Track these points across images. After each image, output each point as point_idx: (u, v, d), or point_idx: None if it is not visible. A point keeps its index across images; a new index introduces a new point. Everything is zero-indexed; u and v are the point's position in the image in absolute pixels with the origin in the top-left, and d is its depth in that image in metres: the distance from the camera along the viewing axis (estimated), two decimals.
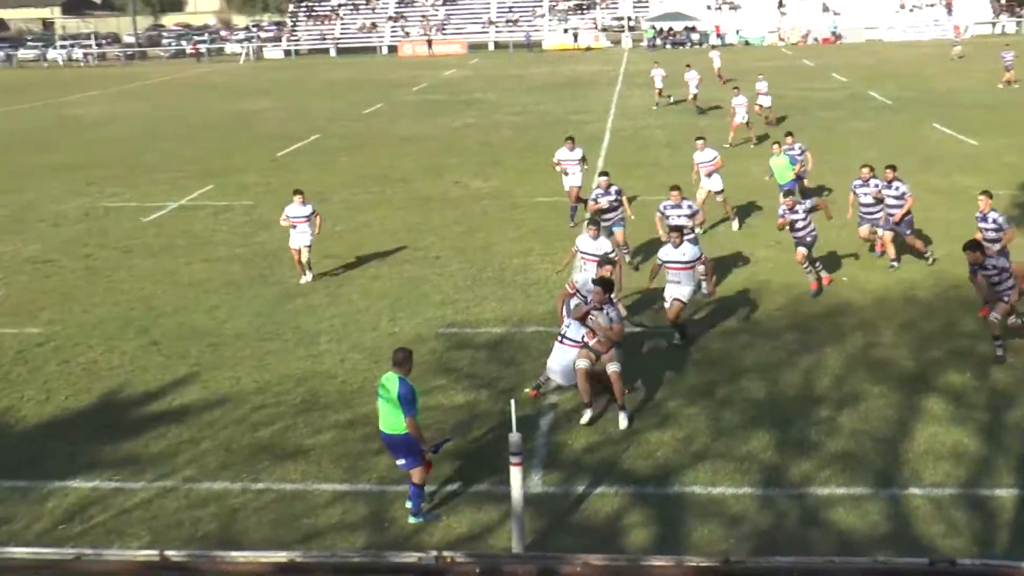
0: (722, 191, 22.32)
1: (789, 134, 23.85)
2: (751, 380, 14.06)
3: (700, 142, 22.75)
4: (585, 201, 22.13)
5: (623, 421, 12.75)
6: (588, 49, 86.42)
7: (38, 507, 11.32)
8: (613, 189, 19.22)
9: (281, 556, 7.81)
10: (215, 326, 16.81)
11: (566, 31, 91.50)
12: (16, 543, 9.64)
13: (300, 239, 18.99)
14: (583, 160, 23.26)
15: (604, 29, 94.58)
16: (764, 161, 28.72)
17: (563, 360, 13.16)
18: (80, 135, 41.38)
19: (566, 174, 22.95)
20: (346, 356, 15.29)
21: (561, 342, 13.31)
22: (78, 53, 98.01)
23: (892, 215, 18.57)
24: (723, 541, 10.18)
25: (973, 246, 14.52)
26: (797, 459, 11.80)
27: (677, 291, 15.22)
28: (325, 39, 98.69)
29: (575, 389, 13.21)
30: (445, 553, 7.46)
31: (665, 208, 18.24)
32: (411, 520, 10.73)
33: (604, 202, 18.99)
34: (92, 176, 31.52)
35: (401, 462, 10.71)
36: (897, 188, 18.56)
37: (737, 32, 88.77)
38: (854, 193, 19.32)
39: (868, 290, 17.58)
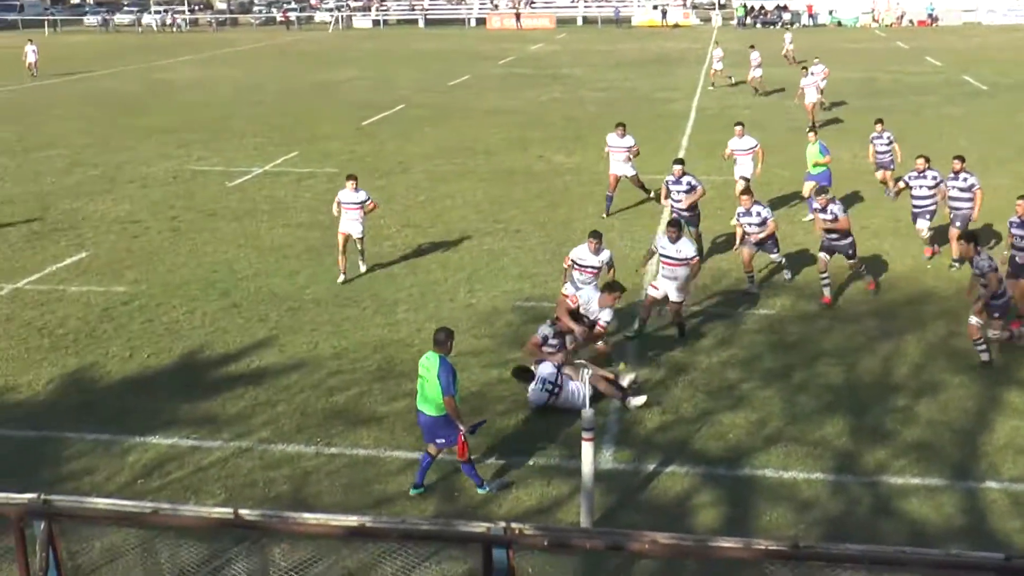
0: (748, 179, 21.25)
1: (879, 121, 22.95)
2: (828, 365, 13.86)
3: (739, 128, 21.92)
4: (647, 189, 22.04)
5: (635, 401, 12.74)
6: (676, 26, 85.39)
7: (119, 461, 11.63)
8: (685, 180, 18.32)
9: (352, 520, 7.93)
10: (295, 291, 17.05)
11: (655, 7, 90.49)
12: (98, 494, 9.92)
13: (351, 226, 17.67)
14: (634, 149, 22.02)
15: (694, 6, 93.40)
16: (844, 141, 28.20)
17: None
18: (171, 99, 42.14)
19: (622, 160, 21.93)
20: (423, 326, 15.38)
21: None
22: (172, 18, 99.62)
23: (958, 209, 17.70)
24: (793, 526, 10.08)
25: (968, 236, 13.77)
26: (872, 447, 11.61)
27: (671, 287, 14.74)
28: (414, 9, 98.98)
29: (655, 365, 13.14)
30: (513, 524, 7.51)
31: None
32: (480, 491, 10.80)
33: (674, 192, 18.42)
34: (181, 140, 32.11)
35: (440, 441, 10.67)
36: (965, 180, 17.67)
37: (830, 13, 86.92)
38: (906, 184, 18.33)
39: (953, 278, 17.15)
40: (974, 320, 13.53)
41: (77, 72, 53.34)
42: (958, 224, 17.55)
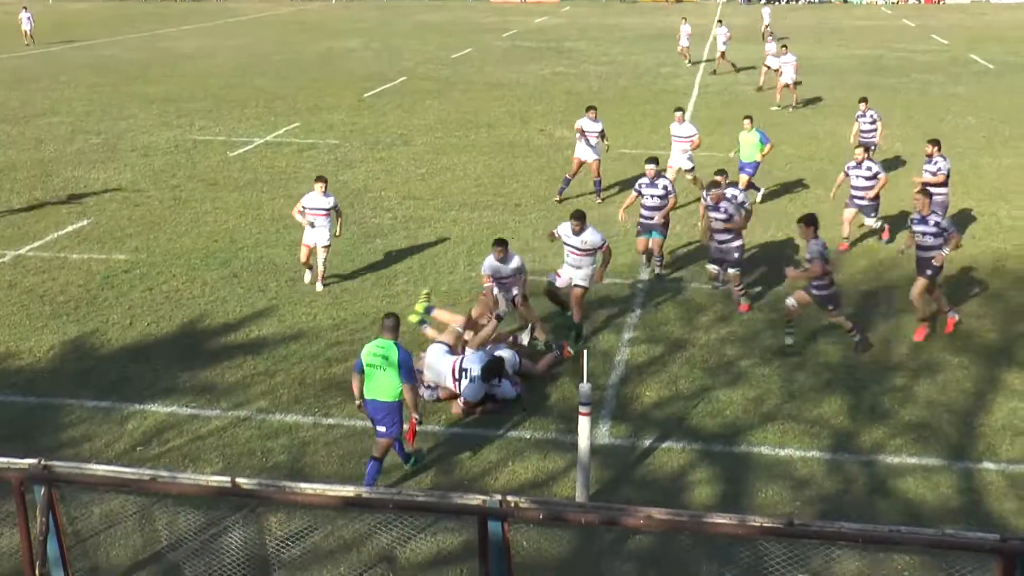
0: (692, 169, 20.79)
1: (863, 100, 22.74)
2: (826, 343, 13.87)
3: (679, 114, 20.95)
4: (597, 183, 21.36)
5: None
6: (679, 0, 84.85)
7: (118, 428, 11.67)
8: (661, 183, 16.40)
9: (348, 490, 7.97)
10: (294, 262, 17.02)
11: None
12: (97, 461, 9.96)
13: (316, 235, 15.62)
14: (603, 134, 21.46)
15: None
16: (829, 120, 28.12)
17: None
18: (173, 68, 41.97)
19: (588, 144, 21.16)
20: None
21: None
22: None
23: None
24: (788, 503, 10.12)
25: (808, 220, 13.74)
26: (869, 426, 11.64)
27: (576, 274, 14.02)
28: None
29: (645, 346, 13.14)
30: (509, 498, 7.55)
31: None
32: (407, 467, 10.65)
33: (647, 197, 16.32)
34: (183, 109, 32.01)
35: (382, 430, 10.20)
36: (935, 163, 17.61)
37: None
38: (845, 174, 18.10)
39: (953, 259, 17.12)
40: (791, 303, 13.61)
41: (79, 40, 53.11)
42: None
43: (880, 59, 43.92)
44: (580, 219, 13.94)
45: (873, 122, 21.97)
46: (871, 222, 18.02)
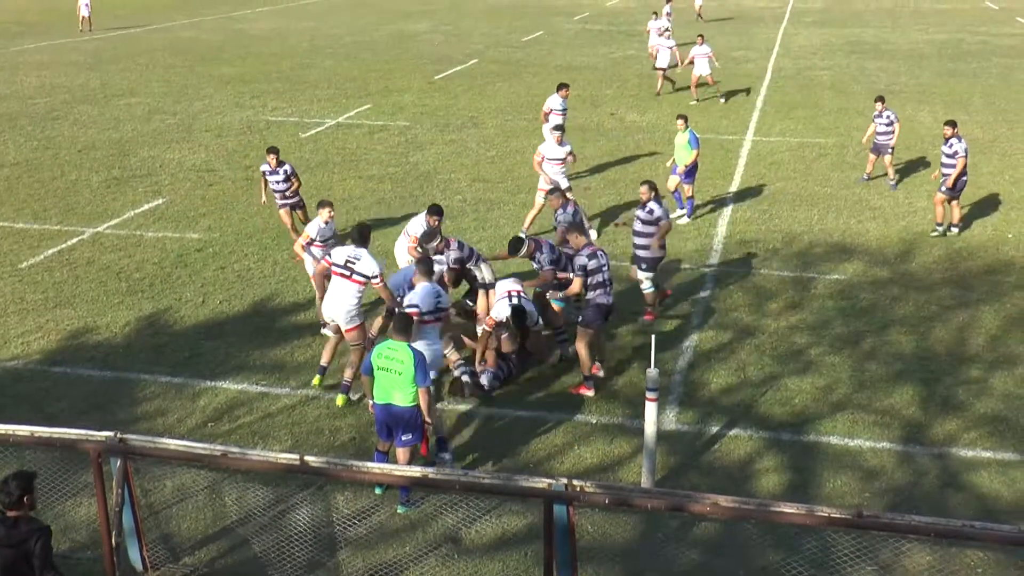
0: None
1: (880, 99, 21.20)
2: (899, 333, 13.64)
3: (557, 134, 18.03)
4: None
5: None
6: None
7: (191, 404, 11.89)
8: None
9: (415, 471, 8.05)
10: None
11: None
12: (170, 435, 10.16)
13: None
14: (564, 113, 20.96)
15: None
16: (907, 106, 27.54)
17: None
18: (248, 49, 42.44)
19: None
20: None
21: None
22: None
23: (947, 174, 17.31)
24: (857, 495, 9.98)
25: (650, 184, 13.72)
26: (942, 418, 11.43)
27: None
28: None
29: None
30: (575, 482, 7.56)
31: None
32: (400, 510, 9.66)
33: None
34: (256, 90, 32.37)
35: (407, 437, 9.67)
36: (951, 146, 17.26)
37: None
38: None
39: None
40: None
41: (155, 22, 53.94)
42: (943, 189, 17.39)
43: (960, 43, 42.90)
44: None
45: (890, 123, 20.54)
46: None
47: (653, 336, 10.55)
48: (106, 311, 14.53)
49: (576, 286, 12.16)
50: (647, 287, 14.02)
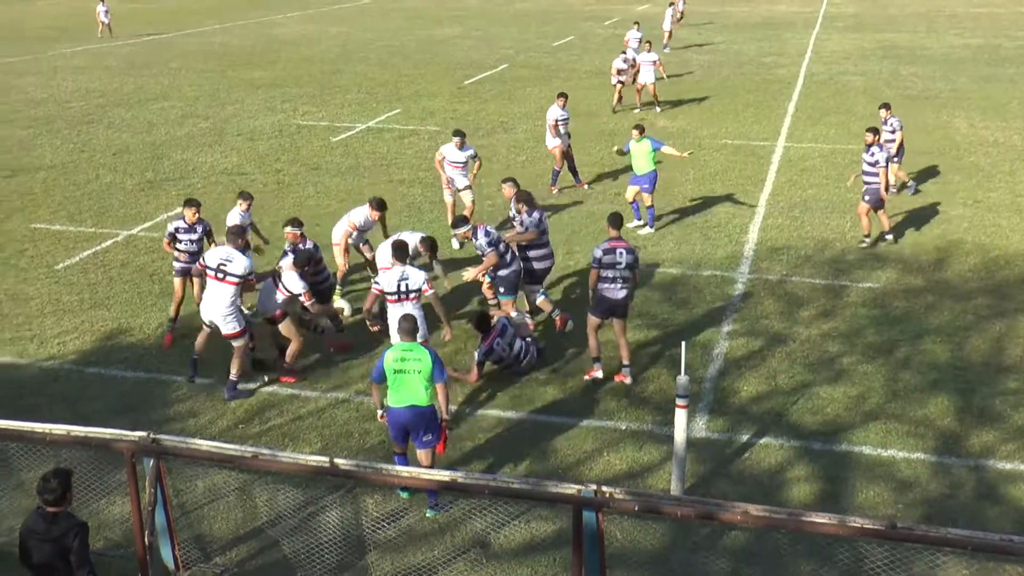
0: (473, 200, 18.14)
1: (885, 106, 20.71)
2: (934, 342, 13.50)
3: (457, 139, 17.88)
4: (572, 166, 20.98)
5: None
6: None
7: (222, 405, 11.95)
8: (478, 233, 13.61)
9: (444, 475, 8.03)
10: None
11: None
12: (202, 436, 10.21)
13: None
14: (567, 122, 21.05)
15: None
16: (943, 112, 27.25)
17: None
18: (279, 54, 42.68)
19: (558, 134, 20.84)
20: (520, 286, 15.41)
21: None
22: None
23: (868, 184, 17.23)
24: (890, 506, 9.89)
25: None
26: (978, 429, 11.30)
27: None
28: None
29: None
30: (604, 488, 7.52)
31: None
32: (429, 514, 9.70)
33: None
34: (287, 94, 32.55)
35: (428, 438, 9.67)
36: (872, 155, 17.13)
37: None
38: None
39: None
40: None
41: (188, 27, 54.34)
42: (867, 199, 17.26)
43: (997, 49, 42.51)
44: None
45: (893, 131, 20.18)
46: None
47: (683, 343, 10.51)
48: (139, 313, 14.64)
49: (592, 278, 12.42)
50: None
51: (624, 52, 29.40)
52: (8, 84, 34.51)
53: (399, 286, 11.50)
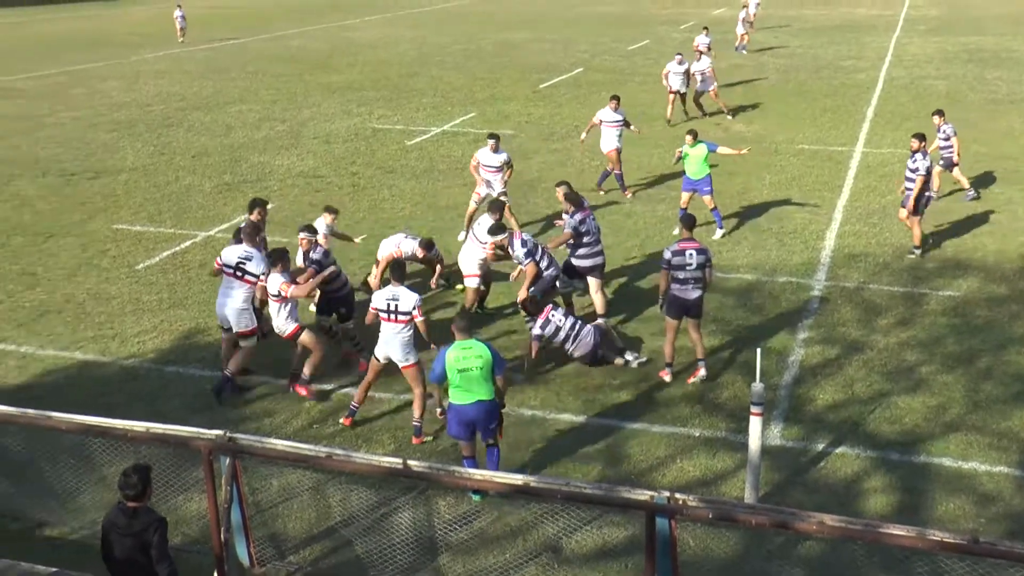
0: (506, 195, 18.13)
1: (938, 113, 20.27)
2: (1018, 352, 13.18)
3: (492, 142, 18.01)
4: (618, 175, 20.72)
5: None
6: None
7: (297, 405, 12.10)
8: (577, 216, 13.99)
9: (517, 479, 8.04)
10: None
11: None
12: (276, 435, 10.36)
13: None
14: (626, 123, 20.84)
15: None
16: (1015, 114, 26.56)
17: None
18: (355, 57, 43.13)
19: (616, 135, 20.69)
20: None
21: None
22: None
23: (908, 191, 16.86)
24: (971, 520, 9.67)
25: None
26: None
27: (390, 348, 11.47)
28: None
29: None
30: (678, 495, 7.47)
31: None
32: (475, 499, 9.89)
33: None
34: (363, 98, 32.88)
35: (493, 426, 9.96)
36: (915, 161, 16.79)
37: None
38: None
39: None
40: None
41: (266, 32, 55.16)
42: (905, 205, 16.95)
43: None
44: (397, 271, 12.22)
45: (947, 138, 19.85)
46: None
47: (758, 349, 10.39)
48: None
49: (662, 281, 12.54)
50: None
51: (678, 56, 28.94)
52: (93, 88, 35.38)
53: (388, 305, 11.27)
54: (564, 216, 14.42)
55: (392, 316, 11.24)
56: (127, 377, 12.86)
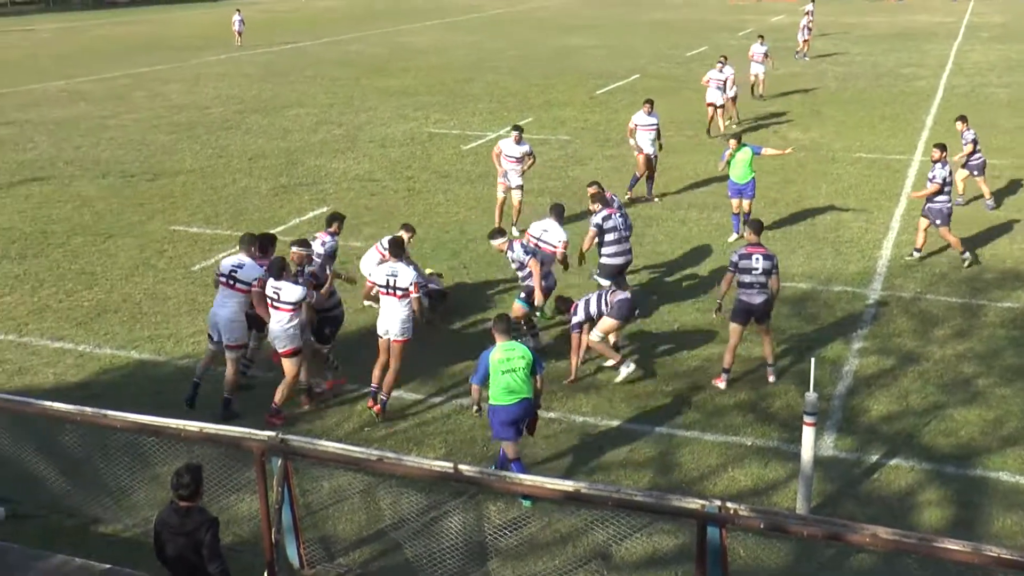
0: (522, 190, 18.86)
1: (962, 119, 20.03)
2: None
3: (516, 133, 18.63)
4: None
5: None
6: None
7: (348, 408, 12.19)
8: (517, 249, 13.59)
9: (568, 485, 8.04)
10: None
11: None
12: (328, 438, 10.43)
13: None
14: (658, 130, 20.87)
15: None
16: None
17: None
18: (411, 62, 43.40)
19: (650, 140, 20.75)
20: (646, 298, 15.33)
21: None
22: None
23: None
24: None
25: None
26: None
27: (388, 320, 11.97)
28: None
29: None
30: (729, 504, 7.42)
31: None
32: (526, 504, 9.88)
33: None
34: (419, 102, 33.07)
35: (527, 423, 10.16)
36: (932, 171, 16.64)
37: None
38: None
39: None
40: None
41: (324, 36, 55.69)
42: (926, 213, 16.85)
43: None
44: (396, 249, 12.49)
45: (966, 144, 19.67)
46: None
47: (812, 359, 10.29)
48: None
49: (725, 281, 12.74)
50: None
51: (721, 62, 28.57)
52: (154, 91, 35.96)
53: (388, 280, 11.79)
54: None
55: (391, 291, 11.73)
56: (181, 376, 13.02)
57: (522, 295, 13.63)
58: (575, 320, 12.84)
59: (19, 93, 35.90)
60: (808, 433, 9.56)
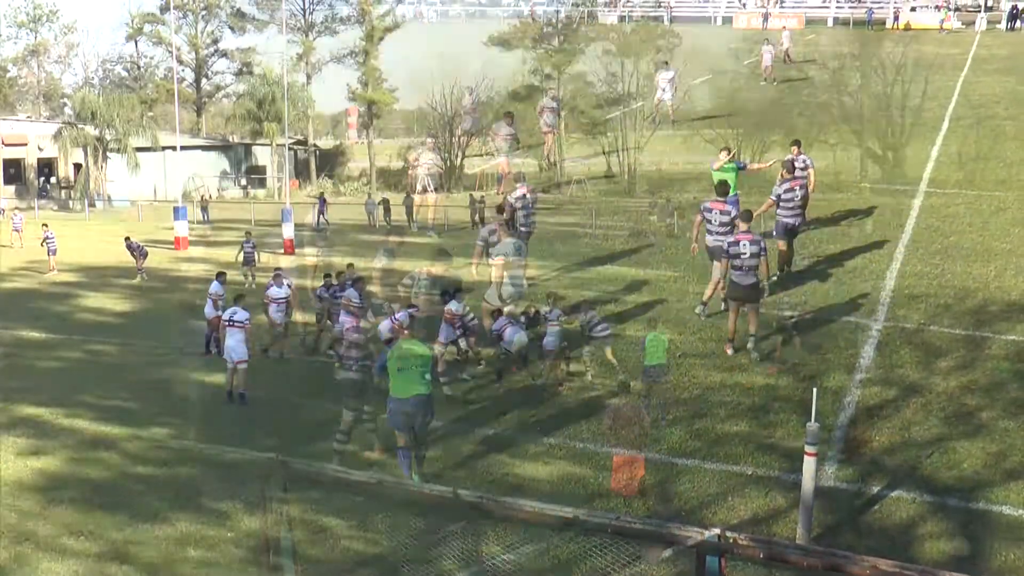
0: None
1: (796, 143, 19.97)
2: None
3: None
4: None
5: None
6: (907, 28, 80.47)
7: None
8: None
9: (567, 511, 8.02)
10: None
11: (912, 9, 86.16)
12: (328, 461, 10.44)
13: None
14: None
15: (957, 9, 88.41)
16: None
17: None
18: None
19: None
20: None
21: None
22: None
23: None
24: None
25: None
26: None
27: None
28: (660, 6, 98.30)
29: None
30: (729, 533, 7.40)
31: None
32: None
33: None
34: None
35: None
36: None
37: None
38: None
39: None
40: None
41: None
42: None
43: None
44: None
45: (805, 168, 19.16)
46: None
47: (814, 389, 10.27)
48: None
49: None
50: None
51: None
52: None
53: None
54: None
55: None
56: None
57: None
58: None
59: None
60: (809, 463, 9.55)
